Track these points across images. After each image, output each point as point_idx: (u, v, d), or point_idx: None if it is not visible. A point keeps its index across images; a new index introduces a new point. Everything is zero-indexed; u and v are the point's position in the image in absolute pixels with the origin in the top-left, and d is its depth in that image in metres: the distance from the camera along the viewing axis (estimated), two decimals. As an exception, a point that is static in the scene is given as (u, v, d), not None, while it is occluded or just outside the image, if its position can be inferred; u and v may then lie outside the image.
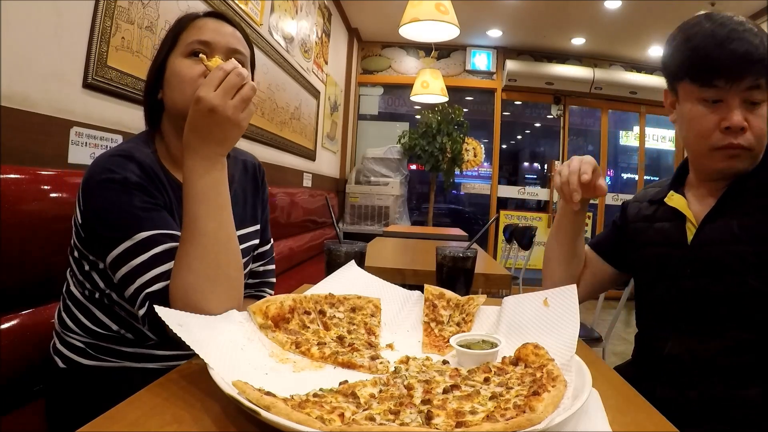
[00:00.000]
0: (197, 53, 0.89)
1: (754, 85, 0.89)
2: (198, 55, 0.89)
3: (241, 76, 0.76)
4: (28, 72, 1.31)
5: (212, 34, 0.92)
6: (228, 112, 0.76)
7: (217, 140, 0.78)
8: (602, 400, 0.56)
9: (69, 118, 1.45)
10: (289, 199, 3.13)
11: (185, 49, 0.91)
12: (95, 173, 0.84)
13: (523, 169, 6.33)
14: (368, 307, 0.84)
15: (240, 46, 0.95)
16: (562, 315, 0.72)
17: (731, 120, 0.90)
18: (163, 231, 0.81)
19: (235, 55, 0.94)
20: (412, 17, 2.62)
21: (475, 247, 1.13)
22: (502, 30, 5.21)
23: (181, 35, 0.93)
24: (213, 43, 0.92)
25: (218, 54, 0.90)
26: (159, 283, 0.77)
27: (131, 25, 1.68)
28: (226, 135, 0.78)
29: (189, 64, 0.90)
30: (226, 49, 0.93)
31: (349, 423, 0.48)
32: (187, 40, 0.91)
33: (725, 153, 0.93)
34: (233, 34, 0.96)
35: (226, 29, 0.95)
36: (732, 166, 0.95)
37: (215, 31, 0.93)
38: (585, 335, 2.27)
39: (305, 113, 3.94)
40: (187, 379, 0.59)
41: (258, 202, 1.12)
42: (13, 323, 1.02)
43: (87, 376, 0.91)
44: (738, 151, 0.93)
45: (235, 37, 0.96)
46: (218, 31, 0.93)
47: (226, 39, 0.93)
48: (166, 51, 0.93)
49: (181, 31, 0.93)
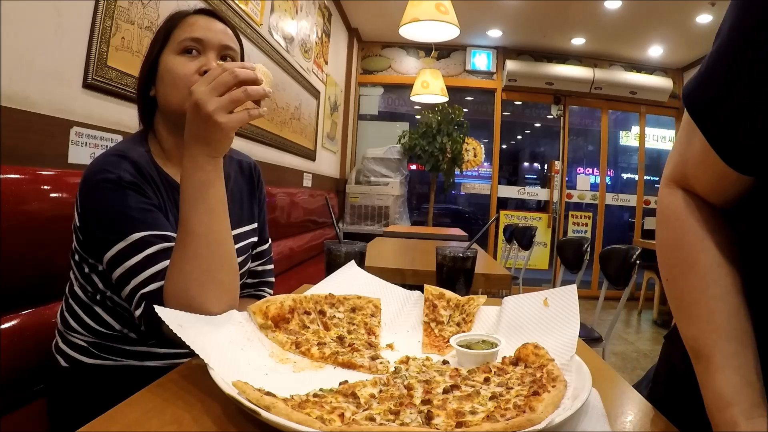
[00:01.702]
0: (190, 50, 0.91)
1: None
2: (191, 52, 0.90)
3: (235, 76, 0.73)
4: (28, 72, 1.31)
5: (204, 31, 0.93)
6: (208, 108, 0.72)
7: (203, 140, 0.75)
8: (602, 400, 0.56)
9: (69, 118, 1.45)
10: (289, 199, 3.13)
11: (178, 47, 0.92)
12: (91, 174, 0.85)
13: (523, 169, 6.33)
14: (368, 307, 0.84)
15: (231, 43, 0.96)
16: (562, 315, 0.72)
17: None
18: (156, 232, 0.81)
19: (226, 51, 0.95)
20: (412, 17, 2.62)
21: (475, 247, 1.13)
22: (502, 30, 5.21)
23: (173, 32, 0.93)
24: (205, 40, 0.92)
25: (210, 51, 0.92)
26: (153, 284, 0.77)
27: (131, 25, 1.68)
28: (210, 135, 0.74)
29: (182, 61, 0.91)
30: (218, 46, 0.93)
31: (349, 423, 0.48)
32: (180, 38, 0.92)
33: None
34: (224, 31, 0.96)
35: (217, 26, 0.95)
36: None
37: (207, 29, 0.94)
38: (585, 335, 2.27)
39: (305, 113, 3.93)
40: (187, 379, 0.60)
41: (255, 202, 1.13)
42: (14, 323, 1.02)
43: (89, 375, 0.91)
44: None
45: (227, 34, 0.96)
46: (210, 29, 0.94)
47: (218, 36, 0.94)
48: (159, 48, 0.94)
49: (172, 28, 0.94)
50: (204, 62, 0.91)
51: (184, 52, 0.91)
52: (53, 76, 1.40)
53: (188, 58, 0.91)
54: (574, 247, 2.70)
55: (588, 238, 2.77)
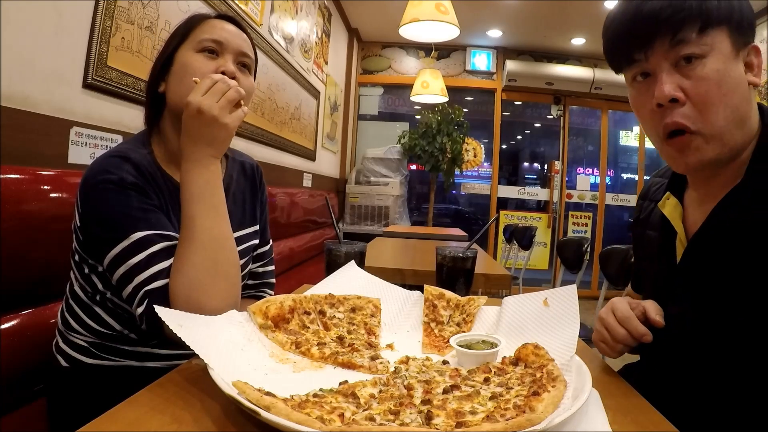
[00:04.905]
0: (209, 50, 0.92)
1: (679, 40, 0.68)
2: (210, 52, 0.93)
3: (226, 84, 0.83)
4: (28, 72, 1.30)
5: (225, 34, 0.95)
6: (214, 112, 0.81)
7: (207, 141, 0.83)
8: (602, 400, 0.56)
9: (69, 118, 1.45)
10: (289, 200, 3.13)
11: (197, 45, 0.93)
12: (92, 175, 0.85)
13: (523, 169, 6.33)
14: (368, 308, 0.84)
15: (248, 50, 0.98)
16: (562, 315, 0.72)
17: (656, 92, 0.70)
18: (158, 231, 0.82)
19: (243, 58, 0.97)
20: (412, 17, 2.62)
21: (475, 248, 1.13)
22: (502, 30, 5.21)
23: (194, 31, 0.95)
24: (225, 43, 0.94)
25: (228, 54, 0.94)
26: (158, 281, 0.78)
27: (131, 25, 1.68)
28: (214, 136, 0.83)
29: (200, 58, 0.92)
30: (236, 51, 0.95)
31: (349, 423, 0.48)
32: (200, 37, 0.93)
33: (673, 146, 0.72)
34: (244, 38, 0.98)
35: (237, 32, 0.98)
36: (689, 163, 0.72)
37: (228, 32, 0.95)
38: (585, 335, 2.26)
39: (305, 113, 3.93)
40: (187, 379, 0.60)
41: (257, 203, 1.13)
42: (14, 323, 1.02)
43: (89, 375, 0.91)
44: (686, 138, 0.70)
45: (245, 40, 0.98)
46: (231, 33, 0.96)
47: (238, 42, 0.96)
48: (176, 44, 0.94)
49: (193, 27, 0.95)
50: (221, 63, 0.92)
51: (203, 51, 0.92)
52: (53, 76, 1.40)
53: (206, 57, 0.92)
54: (574, 247, 2.70)
55: (588, 238, 2.78)
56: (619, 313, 0.76)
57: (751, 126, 0.73)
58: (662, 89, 0.69)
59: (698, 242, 0.76)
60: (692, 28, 0.68)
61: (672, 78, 0.70)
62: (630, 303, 0.77)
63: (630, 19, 0.73)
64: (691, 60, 0.69)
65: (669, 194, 0.84)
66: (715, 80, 0.68)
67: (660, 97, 0.70)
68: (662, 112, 0.71)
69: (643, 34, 0.71)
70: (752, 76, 0.72)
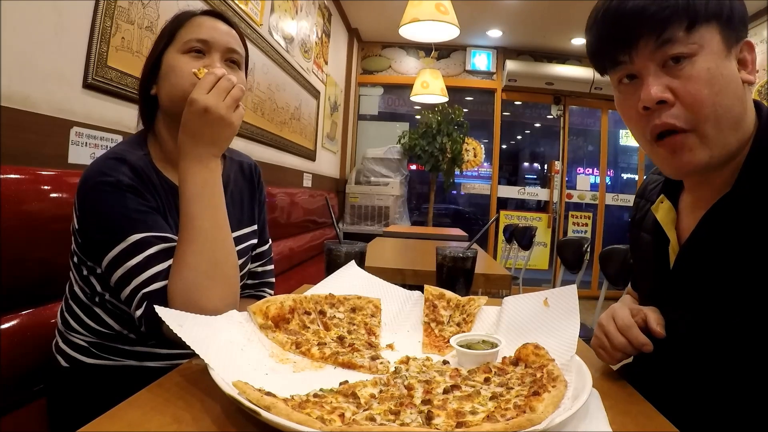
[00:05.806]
0: (195, 51, 0.91)
1: (665, 39, 0.65)
2: (197, 52, 0.91)
3: (230, 81, 0.83)
4: (28, 72, 1.30)
5: (211, 32, 0.93)
6: (221, 111, 0.81)
7: (210, 140, 0.83)
8: (602, 400, 0.56)
9: (69, 118, 1.45)
10: (289, 200, 3.13)
11: (183, 46, 0.91)
12: (89, 177, 0.85)
13: (523, 169, 6.33)
14: (368, 308, 0.84)
15: (237, 46, 0.96)
16: (563, 315, 0.72)
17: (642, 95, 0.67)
18: (155, 233, 0.82)
19: (231, 54, 0.95)
20: (412, 17, 2.62)
21: (475, 248, 1.13)
22: (502, 30, 5.21)
23: (179, 31, 0.93)
24: (211, 42, 0.92)
25: (215, 53, 0.92)
26: (156, 283, 0.78)
27: (131, 25, 1.68)
28: (219, 134, 0.83)
29: (186, 60, 0.90)
30: (223, 49, 0.93)
31: (349, 423, 0.48)
32: (186, 38, 0.92)
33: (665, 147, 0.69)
34: (231, 33, 0.96)
35: (223, 28, 0.95)
36: (682, 166, 0.69)
37: (213, 30, 0.93)
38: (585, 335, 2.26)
39: (305, 113, 3.93)
40: (187, 379, 0.60)
41: (255, 203, 1.12)
42: (14, 323, 1.02)
43: (89, 375, 0.91)
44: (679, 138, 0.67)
45: (233, 36, 0.96)
46: (216, 30, 0.94)
47: (225, 38, 0.94)
48: (163, 46, 0.93)
49: (178, 27, 0.94)
50: (208, 63, 0.91)
51: (190, 52, 0.91)
52: (53, 76, 1.40)
53: (193, 58, 0.91)
54: (574, 247, 2.70)
55: (588, 238, 2.78)
56: (619, 320, 0.73)
57: (746, 127, 0.70)
58: (648, 92, 0.66)
59: (689, 250, 0.74)
60: (679, 26, 0.64)
61: (659, 80, 0.66)
62: (631, 309, 0.75)
63: (612, 18, 0.69)
64: (680, 60, 0.65)
65: (663, 197, 0.82)
66: (706, 79, 0.64)
67: (646, 100, 0.66)
68: (649, 114, 0.68)
69: (626, 35, 0.67)
70: (746, 74, 0.68)
